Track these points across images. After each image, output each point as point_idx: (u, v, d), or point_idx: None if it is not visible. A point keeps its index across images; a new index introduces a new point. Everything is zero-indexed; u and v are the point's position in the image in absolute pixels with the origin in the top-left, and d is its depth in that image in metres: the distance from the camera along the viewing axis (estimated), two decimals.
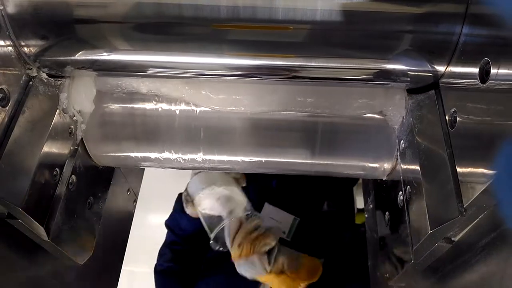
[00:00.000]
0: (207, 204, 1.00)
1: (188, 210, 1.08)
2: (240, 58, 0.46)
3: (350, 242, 1.21)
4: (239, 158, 0.58)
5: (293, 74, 0.47)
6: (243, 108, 0.53)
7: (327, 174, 0.62)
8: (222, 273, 1.16)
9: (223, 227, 0.98)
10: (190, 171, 1.07)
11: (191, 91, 0.52)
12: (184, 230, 1.23)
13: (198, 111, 0.54)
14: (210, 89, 0.52)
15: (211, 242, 1.00)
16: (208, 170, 0.82)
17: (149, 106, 0.54)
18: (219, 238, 1.01)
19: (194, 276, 1.21)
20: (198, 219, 1.07)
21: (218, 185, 0.99)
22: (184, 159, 0.58)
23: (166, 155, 0.58)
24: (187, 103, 0.53)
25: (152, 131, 0.55)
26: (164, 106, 0.54)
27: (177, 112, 0.54)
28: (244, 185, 1.05)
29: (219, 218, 0.99)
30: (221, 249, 1.03)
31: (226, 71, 0.47)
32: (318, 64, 0.45)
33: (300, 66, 0.45)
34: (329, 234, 1.23)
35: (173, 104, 0.54)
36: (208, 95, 0.53)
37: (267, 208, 1.19)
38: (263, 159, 0.58)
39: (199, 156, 0.58)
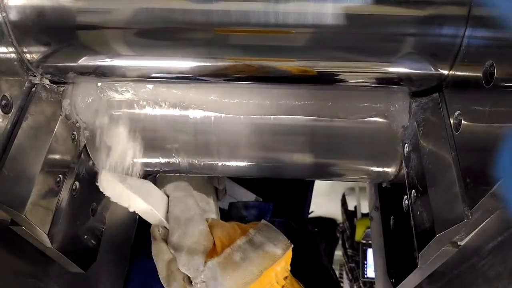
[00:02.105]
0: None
1: None
2: (241, 63, 0.46)
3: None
4: (242, 163, 0.58)
5: (296, 78, 0.47)
6: (246, 113, 0.53)
7: (330, 178, 0.62)
8: None
9: None
10: None
11: (194, 96, 0.52)
12: None
13: (201, 116, 0.54)
14: (214, 94, 0.52)
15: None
16: (213, 175, 0.82)
17: (152, 111, 0.54)
18: None
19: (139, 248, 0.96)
20: None
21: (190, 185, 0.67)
22: (188, 164, 0.58)
23: (170, 160, 0.58)
24: (190, 108, 0.53)
25: (156, 137, 0.55)
26: (167, 111, 0.54)
27: (180, 117, 0.54)
28: (221, 201, 0.83)
29: None
30: None
31: (230, 75, 0.47)
32: (320, 68, 0.45)
33: (303, 70, 0.45)
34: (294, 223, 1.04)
35: (176, 109, 0.53)
36: (212, 100, 0.52)
37: (227, 183, 0.92)
38: (266, 164, 0.58)
39: (203, 161, 0.58)
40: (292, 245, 0.58)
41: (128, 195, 0.56)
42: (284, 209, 1.08)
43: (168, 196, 0.61)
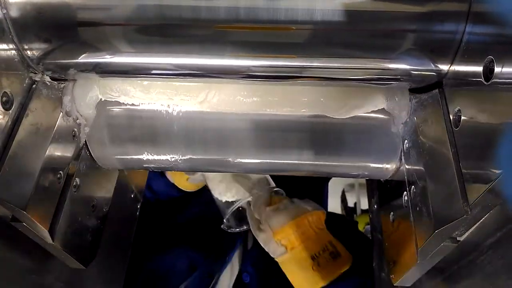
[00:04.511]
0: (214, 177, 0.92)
1: (196, 176, 0.98)
2: (242, 59, 0.46)
3: None
4: (242, 160, 0.58)
5: (296, 74, 0.47)
6: (245, 109, 0.53)
7: (330, 175, 0.62)
8: (185, 244, 1.04)
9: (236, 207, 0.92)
10: None
11: (194, 93, 0.52)
12: (156, 193, 1.09)
13: (201, 113, 0.54)
14: (214, 90, 0.52)
15: (224, 223, 0.94)
16: (213, 172, 0.82)
17: (152, 108, 0.54)
18: (233, 218, 0.96)
19: (150, 247, 1.04)
20: (175, 186, 1.00)
21: None
22: (188, 161, 0.58)
23: (170, 157, 0.58)
24: (190, 105, 0.53)
25: (156, 133, 0.55)
26: (167, 108, 0.54)
27: (181, 114, 0.54)
28: None
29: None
30: (225, 229, 0.96)
31: (229, 72, 0.47)
32: (320, 65, 0.45)
33: (302, 67, 0.45)
34: None
35: (176, 106, 0.54)
36: (212, 97, 0.53)
37: None
38: (266, 161, 0.58)
39: (203, 158, 0.58)
40: (324, 210, 0.89)
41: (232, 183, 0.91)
42: None
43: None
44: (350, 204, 2.21)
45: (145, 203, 1.03)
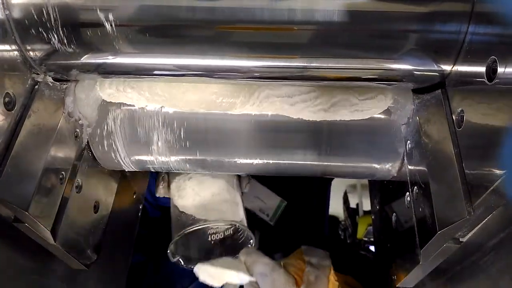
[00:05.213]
0: (185, 195, 0.77)
1: (159, 192, 0.83)
2: (244, 60, 0.46)
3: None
4: (244, 161, 0.58)
5: (298, 75, 0.47)
6: (248, 110, 0.53)
7: (333, 175, 0.62)
8: None
9: (191, 231, 0.75)
10: None
11: (196, 93, 0.52)
12: (158, 200, 1.07)
13: (203, 113, 0.54)
14: (216, 90, 0.52)
15: (168, 251, 0.78)
16: (215, 173, 0.82)
17: (153, 108, 0.54)
18: (182, 247, 0.81)
19: (161, 247, 1.01)
20: None
21: (212, 178, 0.78)
22: (190, 162, 0.58)
23: (172, 158, 0.58)
24: (192, 105, 0.53)
25: (158, 134, 0.55)
26: (168, 108, 0.54)
27: (182, 114, 0.54)
28: (246, 190, 0.86)
29: (191, 220, 0.75)
30: (181, 262, 0.81)
31: (232, 72, 0.47)
32: (323, 65, 0.45)
33: (305, 67, 0.45)
34: (315, 223, 1.17)
35: (178, 106, 0.54)
36: (214, 97, 0.53)
37: (253, 184, 0.99)
38: (269, 162, 0.58)
39: (206, 159, 0.58)
40: (328, 253, 0.82)
41: (222, 272, 0.73)
42: (307, 211, 1.10)
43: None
44: (352, 205, 2.20)
45: (147, 205, 1.04)
